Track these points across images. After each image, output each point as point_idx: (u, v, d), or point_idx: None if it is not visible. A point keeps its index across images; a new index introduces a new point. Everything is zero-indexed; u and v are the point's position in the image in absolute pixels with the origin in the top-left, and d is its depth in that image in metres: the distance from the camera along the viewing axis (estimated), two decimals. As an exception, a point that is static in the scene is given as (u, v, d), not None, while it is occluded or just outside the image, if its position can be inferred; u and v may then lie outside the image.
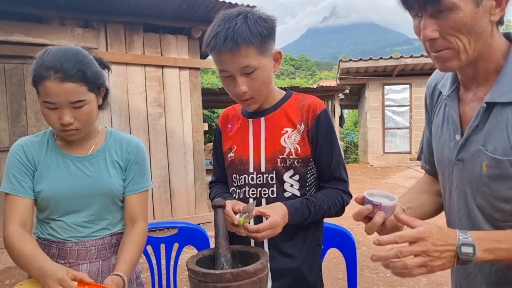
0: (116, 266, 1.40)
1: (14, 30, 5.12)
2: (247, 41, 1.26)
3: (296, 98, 1.46)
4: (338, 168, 1.42)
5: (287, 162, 1.39)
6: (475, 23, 0.97)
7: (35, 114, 5.34)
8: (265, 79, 1.35)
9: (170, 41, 6.27)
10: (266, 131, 1.43)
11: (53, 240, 1.47)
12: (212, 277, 1.07)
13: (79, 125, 1.39)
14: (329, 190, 1.40)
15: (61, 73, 1.30)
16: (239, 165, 1.46)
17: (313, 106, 1.41)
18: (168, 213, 6.23)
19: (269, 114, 1.45)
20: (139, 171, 1.56)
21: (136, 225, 1.52)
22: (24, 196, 1.42)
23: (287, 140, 1.40)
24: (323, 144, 1.40)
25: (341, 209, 1.43)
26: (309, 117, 1.40)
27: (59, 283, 1.16)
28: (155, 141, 6.11)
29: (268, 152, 1.41)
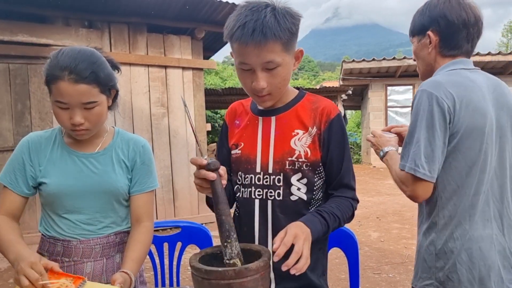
0: (124, 264, 1.42)
1: (19, 30, 5.15)
2: (276, 36, 1.20)
3: (309, 99, 1.42)
4: (348, 175, 1.38)
5: (296, 165, 1.35)
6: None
7: (39, 114, 5.37)
8: (285, 77, 1.31)
9: (173, 42, 6.29)
10: (276, 131, 1.39)
11: (58, 238, 1.49)
12: (215, 274, 1.08)
13: (89, 125, 1.40)
14: (341, 200, 1.36)
15: (75, 74, 1.32)
16: (246, 164, 1.42)
17: (327, 110, 1.37)
18: (171, 213, 6.24)
19: (281, 114, 1.40)
20: (146, 171, 1.57)
21: (142, 224, 1.54)
22: (18, 193, 1.47)
23: (298, 142, 1.36)
24: (334, 150, 1.36)
25: (351, 217, 1.40)
26: (322, 121, 1.36)
27: (30, 266, 1.18)
28: (158, 141, 6.13)
29: (277, 153, 1.37)
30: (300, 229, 1.19)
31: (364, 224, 6.25)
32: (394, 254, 4.88)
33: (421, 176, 1.39)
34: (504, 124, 1.47)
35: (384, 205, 7.59)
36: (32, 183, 1.48)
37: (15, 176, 1.47)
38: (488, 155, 1.42)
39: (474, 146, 1.41)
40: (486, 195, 1.44)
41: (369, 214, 6.87)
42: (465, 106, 1.39)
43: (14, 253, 1.29)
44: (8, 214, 1.45)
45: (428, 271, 1.49)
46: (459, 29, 1.49)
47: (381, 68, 12.84)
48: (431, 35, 1.53)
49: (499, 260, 1.43)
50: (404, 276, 4.15)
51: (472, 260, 1.41)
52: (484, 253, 1.41)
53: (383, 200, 8.01)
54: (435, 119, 1.39)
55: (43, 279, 1.17)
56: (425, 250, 1.51)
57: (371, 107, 13.49)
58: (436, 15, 1.51)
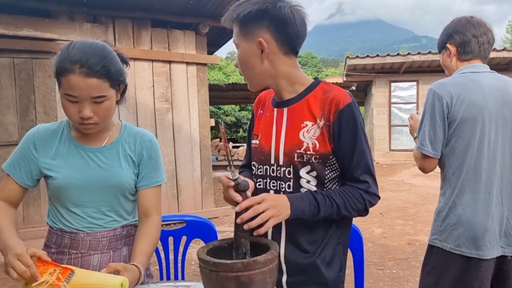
0: (134, 257, 1.42)
1: (24, 24, 5.16)
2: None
3: (322, 88, 1.37)
4: (359, 169, 1.32)
5: (304, 157, 1.33)
6: None
7: (44, 109, 5.38)
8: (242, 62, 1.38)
9: (177, 37, 6.29)
10: (287, 123, 1.38)
11: (66, 231, 1.49)
12: (223, 266, 1.08)
13: (98, 119, 1.40)
14: (346, 187, 1.34)
15: (86, 68, 1.31)
16: (261, 155, 1.43)
17: (336, 99, 1.30)
18: (175, 208, 6.26)
19: (293, 105, 1.38)
20: (153, 165, 1.57)
21: (150, 218, 1.54)
22: (19, 183, 1.48)
23: (306, 134, 1.33)
24: (344, 142, 1.31)
25: (362, 209, 1.35)
26: (331, 111, 1.30)
27: (17, 258, 1.18)
28: (162, 136, 6.14)
29: (287, 145, 1.36)
30: (275, 202, 1.23)
31: (367, 220, 6.25)
32: (397, 250, 4.88)
33: (426, 153, 1.87)
34: (505, 116, 1.83)
35: (388, 201, 7.59)
36: (36, 175, 1.49)
37: (19, 166, 1.48)
38: (485, 139, 1.80)
39: (469, 131, 1.81)
40: (487, 172, 1.80)
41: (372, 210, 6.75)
42: (460, 101, 1.81)
43: (3, 242, 1.30)
44: (6, 200, 1.48)
45: (436, 229, 1.91)
46: (470, 39, 1.92)
47: (385, 64, 12.78)
48: (449, 47, 1.98)
49: (495, 226, 1.80)
50: (408, 272, 4.16)
51: (471, 223, 1.80)
52: (480, 218, 1.79)
53: (387, 196, 8.01)
54: (436, 111, 1.84)
55: (31, 270, 1.17)
56: (437, 214, 1.94)
57: (374, 103, 13.46)
58: (451, 31, 1.98)
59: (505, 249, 1.81)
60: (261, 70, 1.35)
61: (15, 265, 1.18)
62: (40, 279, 1.17)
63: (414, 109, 13.11)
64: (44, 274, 1.19)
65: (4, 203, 1.47)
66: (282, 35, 1.31)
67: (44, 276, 1.18)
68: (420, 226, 5.91)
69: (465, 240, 1.80)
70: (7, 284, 3.98)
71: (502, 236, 1.81)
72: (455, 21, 1.99)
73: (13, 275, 1.17)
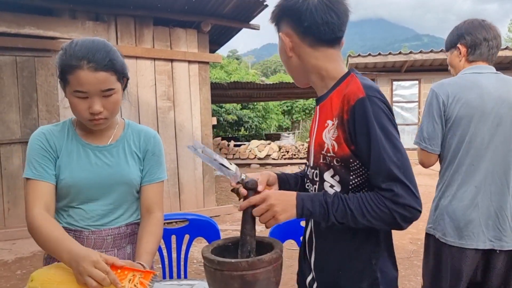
0: (139, 256, 1.42)
1: (26, 23, 5.16)
2: None
3: (347, 82, 1.22)
4: (378, 175, 1.12)
5: (326, 159, 1.22)
6: None
7: (46, 107, 5.38)
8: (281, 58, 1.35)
9: (179, 35, 6.29)
10: (318, 122, 1.29)
11: (71, 229, 1.49)
12: (227, 265, 1.09)
13: (107, 113, 1.41)
14: (369, 193, 1.15)
15: (94, 62, 1.33)
16: (308, 155, 1.37)
17: (348, 95, 1.16)
18: (177, 206, 6.26)
19: (322, 102, 1.29)
20: (156, 162, 1.59)
21: (153, 215, 1.54)
22: (48, 181, 1.42)
23: (327, 134, 1.22)
24: (360, 145, 1.14)
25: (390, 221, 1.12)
26: (345, 110, 1.16)
27: (93, 265, 1.14)
28: (164, 135, 6.14)
29: (315, 146, 1.28)
30: (278, 200, 1.17)
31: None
32: (399, 249, 4.87)
33: (423, 148, 1.99)
34: (502, 115, 1.89)
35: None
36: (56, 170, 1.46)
37: (40, 166, 1.42)
38: (477, 136, 1.89)
39: (463, 129, 1.91)
40: (475, 167, 1.90)
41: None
42: (456, 100, 1.91)
43: (67, 251, 1.22)
44: (44, 208, 1.38)
45: (430, 218, 2.04)
46: (481, 41, 1.98)
47: (387, 63, 12.75)
48: (460, 47, 2.04)
49: (481, 218, 1.89)
50: (410, 271, 4.15)
51: (455, 213, 1.91)
52: (465, 211, 1.90)
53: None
54: (433, 109, 1.96)
55: (110, 276, 1.13)
56: (432, 205, 2.06)
57: (376, 102, 13.41)
58: (463, 32, 2.03)
59: (494, 243, 1.88)
60: (293, 66, 1.31)
61: (93, 273, 1.12)
62: (120, 285, 1.13)
63: (416, 108, 13.10)
64: (123, 280, 1.15)
65: (45, 213, 1.37)
66: (300, 26, 1.23)
67: (123, 282, 1.15)
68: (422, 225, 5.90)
69: (450, 229, 1.92)
70: (10, 282, 3.99)
71: (490, 229, 1.89)
72: (468, 23, 2.05)
73: (92, 284, 1.12)
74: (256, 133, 22.01)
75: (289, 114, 26.31)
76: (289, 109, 26.03)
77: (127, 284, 1.15)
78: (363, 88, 1.15)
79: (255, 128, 22.21)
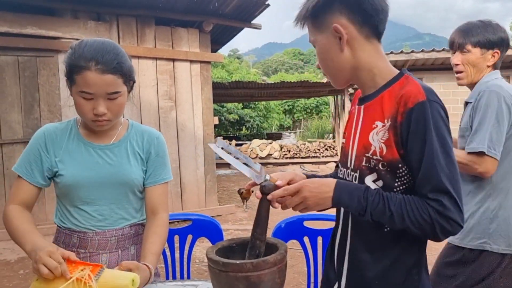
0: (144, 257, 1.42)
1: (28, 23, 5.17)
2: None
3: (401, 83, 1.14)
4: (427, 184, 1.06)
5: (371, 162, 1.15)
6: None
7: (48, 107, 5.39)
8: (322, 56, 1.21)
9: (181, 35, 6.29)
10: (362, 123, 1.21)
11: (75, 230, 1.50)
12: (232, 266, 1.08)
13: (111, 116, 1.42)
14: (414, 197, 1.09)
15: (102, 64, 1.34)
16: (343, 156, 1.30)
17: (405, 97, 1.08)
18: (179, 206, 6.27)
19: (369, 102, 1.20)
20: (160, 163, 1.59)
21: (158, 216, 1.55)
22: (33, 183, 1.48)
23: (375, 136, 1.15)
24: (411, 149, 1.07)
25: (429, 231, 1.06)
26: (400, 111, 1.09)
27: (49, 255, 1.19)
28: (166, 134, 6.14)
29: (358, 148, 1.20)
30: (312, 193, 1.12)
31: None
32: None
33: (492, 155, 1.78)
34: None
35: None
36: (48, 174, 1.49)
37: (30, 166, 1.48)
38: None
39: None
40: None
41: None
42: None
43: (31, 243, 1.30)
44: (22, 204, 1.47)
45: (482, 232, 1.85)
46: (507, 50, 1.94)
47: (388, 62, 12.74)
48: (497, 52, 1.92)
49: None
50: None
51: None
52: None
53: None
54: (504, 113, 1.81)
55: (62, 267, 1.18)
56: (480, 216, 1.87)
57: (378, 101, 13.40)
58: (504, 37, 1.92)
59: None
60: (342, 61, 1.18)
61: (47, 261, 1.17)
62: (69, 276, 1.17)
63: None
64: (74, 272, 1.19)
65: (21, 208, 1.46)
66: (359, 14, 1.13)
67: (74, 273, 1.19)
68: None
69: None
70: (12, 282, 4.00)
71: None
72: (503, 28, 1.96)
73: (44, 271, 1.17)
74: (258, 133, 22.01)
75: (291, 113, 26.31)
76: (291, 108, 26.02)
77: (76, 275, 1.19)
78: (424, 91, 1.08)
79: (257, 128, 22.21)
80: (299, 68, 65.03)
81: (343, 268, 1.24)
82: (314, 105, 25.10)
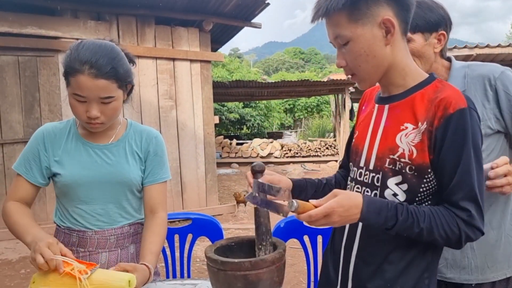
0: (144, 256, 1.43)
1: (28, 22, 5.17)
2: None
3: (435, 86, 1.11)
4: (459, 192, 1.05)
5: (397, 165, 1.11)
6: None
7: (48, 106, 5.40)
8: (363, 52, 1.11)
9: (181, 34, 6.29)
10: (386, 123, 1.18)
11: (74, 229, 1.51)
12: (231, 265, 1.09)
13: (105, 119, 1.42)
14: (442, 210, 1.07)
15: (95, 69, 1.33)
16: (354, 155, 1.27)
17: (446, 101, 1.05)
18: (179, 205, 6.27)
19: (395, 102, 1.17)
20: (158, 162, 1.59)
21: (156, 215, 1.55)
22: (31, 181, 1.49)
23: (404, 138, 1.11)
24: (447, 155, 1.05)
25: (454, 241, 1.06)
26: (437, 116, 1.06)
27: (47, 245, 1.20)
28: (166, 134, 6.15)
29: (380, 148, 1.16)
30: (342, 216, 1.03)
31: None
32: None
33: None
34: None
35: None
36: (46, 173, 1.50)
37: (30, 165, 1.48)
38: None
39: None
40: None
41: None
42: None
43: (31, 235, 1.32)
44: (20, 201, 1.49)
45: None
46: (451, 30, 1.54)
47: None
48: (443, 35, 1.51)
49: None
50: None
51: None
52: None
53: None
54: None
55: (57, 260, 1.19)
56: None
57: (378, 100, 13.37)
58: (445, 15, 1.50)
59: None
60: (383, 57, 1.12)
61: (44, 251, 1.19)
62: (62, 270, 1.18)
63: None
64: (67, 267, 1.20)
65: (20, 204, 1.48)
66: (402, 8, 1.09)
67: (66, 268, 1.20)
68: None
69: None
70: (14, 281, 4.01)
71: None
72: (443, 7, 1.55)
73: (39, 260, 1.18)
74: (259, 132, 21.99)
75: (291, 112, 26.28)
76: (291, 107, 26.00)
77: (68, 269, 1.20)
78: (465, 99, 1.06)
79: (257, 127, 22.19)
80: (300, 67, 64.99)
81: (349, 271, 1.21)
82: (315, 104, 25.07)
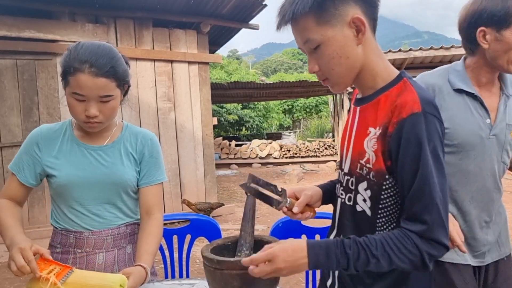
0: (140, 257, 1.44)
1: (26, 26, 5.18)
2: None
3: (399, 88, 1.05)
4: (417, 203, 0.98)
5: (363, 170, 1.08)
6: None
7: (47, 110, 5.40)
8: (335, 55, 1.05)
9: (179, 36, 6.30)
10: (357, 126, 1.14)
11: (71, 230, 1.52)
12: (227, 264, 1.10)
13: (103, 118, 1.44)
14: (395, 233, 1.00)
15: (95, 67, 1.35)
16: (341, 157, 1.23)
17: (400, 106, 1.00)
18: (179, 206, 6.28)
19: (365, 105, 1.12)
20: (154, 164, 1.60)
21: (152, 216, 1.56)
22: (23, 182, 1.51)
23: (369, 143, 1.07)
24: (403, 164, 0.99)
25: (419, 264, 0.99)
26: (392, 121, 1.00)
27: (20, 252, 1.21)
28: (165, 136, 6.16)
29: (353, 152, 1.13)
30: (284, 263, 0.99)
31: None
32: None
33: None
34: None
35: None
36: (40, 174, 1.52)
37: (22, 166, 1.51)
38: None
39: None
40: None
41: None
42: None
43: (10, 238, 1.33)
44: (11, 199, 1.51)
45: None
46: None
47: (387, 61, 12.73)
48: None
49: None
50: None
51: None
52: None
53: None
54: None
55: (31, 265, 1.20)
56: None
57: (377, 100, 13.39)
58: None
59: None
60: (355, 58, 1.07)
61: (16, 258, 1.20)
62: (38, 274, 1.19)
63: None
64: (44, 271, 1.21)
65: (9, 201, 1.51)
66: (371, 6, 1.06)
67: (43, 272, 1.21)
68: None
69: None
70: (14, 284, 4.01)
71: None
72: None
73: (13, 268, 1.20)
74: (257, 133, 22.01)
75: (290, 113, 26.30)
76: (290, 108, 26.02)
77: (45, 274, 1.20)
78: (420, 102, 0.98)
79: (256, 128, 22.21)
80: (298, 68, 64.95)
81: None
82: (314, 105, 25.09)
